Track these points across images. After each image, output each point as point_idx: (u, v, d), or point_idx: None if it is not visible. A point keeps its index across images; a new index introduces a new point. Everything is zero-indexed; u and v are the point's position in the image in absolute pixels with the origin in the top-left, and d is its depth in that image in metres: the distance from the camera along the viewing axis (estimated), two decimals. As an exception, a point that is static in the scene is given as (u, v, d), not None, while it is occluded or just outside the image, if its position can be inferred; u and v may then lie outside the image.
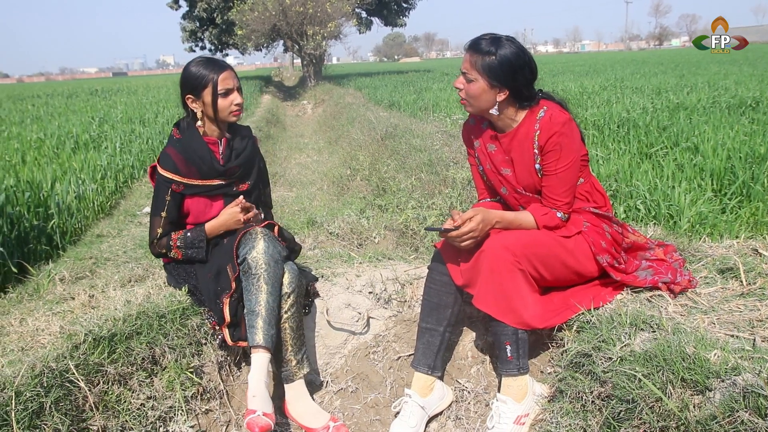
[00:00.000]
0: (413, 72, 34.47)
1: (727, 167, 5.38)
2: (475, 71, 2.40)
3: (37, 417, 2.06)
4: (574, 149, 2.44)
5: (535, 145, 2.46)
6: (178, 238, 2.73)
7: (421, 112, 12.34)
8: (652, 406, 1.88)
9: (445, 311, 2.62)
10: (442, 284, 2.61)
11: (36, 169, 7.62)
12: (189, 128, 2.75)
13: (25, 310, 3.08)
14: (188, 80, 2.67)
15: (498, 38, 2.40)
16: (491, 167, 2.65)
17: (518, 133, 2.51)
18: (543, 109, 2.46)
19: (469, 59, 2.42)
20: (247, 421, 2.27)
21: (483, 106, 2.47)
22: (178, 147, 2.72)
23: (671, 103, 10.47)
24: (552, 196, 2.49)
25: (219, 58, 2.78)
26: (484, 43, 2.39)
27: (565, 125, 2.40)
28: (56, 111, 18.89)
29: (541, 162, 2.47)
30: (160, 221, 2.73)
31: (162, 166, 2.71)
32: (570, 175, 2.46)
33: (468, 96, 2.46)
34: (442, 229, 2.39)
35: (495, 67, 2.36)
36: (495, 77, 2.38)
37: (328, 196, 7.42)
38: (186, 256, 2.74)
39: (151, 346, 2.54)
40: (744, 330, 2.13)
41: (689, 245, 3.02)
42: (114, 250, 4.78)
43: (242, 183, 2.83)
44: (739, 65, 23.42)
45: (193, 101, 2.69)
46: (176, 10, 37.07)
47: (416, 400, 2.58)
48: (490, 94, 2.42)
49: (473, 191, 5.07)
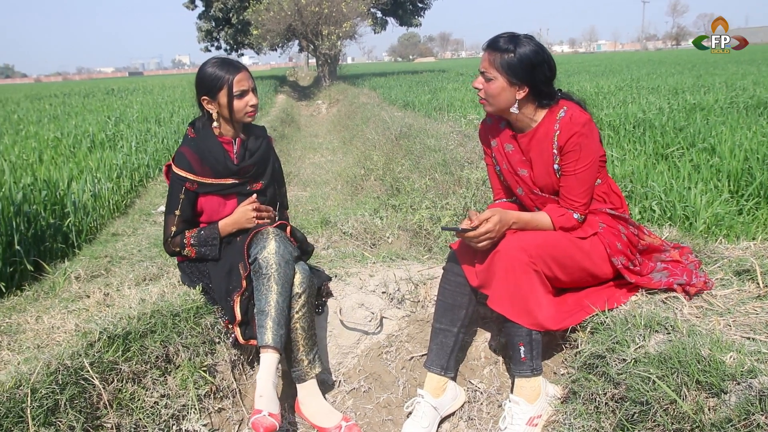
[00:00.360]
0: (428, 72, 34.43)
1: (745, 168, 5.32)
2: (494, 69, 2.39)
3: (52, 414, 2.07)
4: (594, 150, 2.43)
5: (555, 146, 2.44)
6: (192, 236, 2.74)
7: (436, 112, 12.32)
8: (666, 408, 1.87)
9: (460, 312, 2.61)
10: (457, 285, 2.61)
11: (53, 168, 7.68)
12: (204, 128, 2.77)
13: (41, 308, 3.11)
14: (204, 81, 2.68)
15: (516, 36, 2.39)
16: (508, 167, 2.64)
17: (537, 132, 2.49)
18: (563, 108, 2.44)
19: (487, 58, 2.40)
20: (252, 421, 2.28)
21: (502, 105, 2.45)
22: (193, 146, 2.74)
23: (688, 104, 10.38)
24: (569, 196, 2.47)
25: (234, 58, 2.78)
26: (502, 41, 2.38)
27: (586, 126, 2.39)
28: (73, 110, 19.05)
29: (560, 162, 2.46)
30: (174, 219, 2.74)
31: (177, 164, 2.73)
32: (588, 176, 2.45)
33: (487, 95, 2.45)
34: (459, 229, 2.38)
35: (514, 64, 2.35)
36: (514, 74, 2.37)
37: (342, 195, 7.43)
38: (199, 254, 2.76)
39: (165, 344, 2.55)
40: (760, 333, 2.11)
41: (705, 247, 2.99)
42: (129, 248, 4.81)
43: (256, 182, 2.84)
44: (757, 65, 23.19)
45: (209, 102, 2.70)
46: (192, 10, 37.33)
47: (429, 400, 2.58)
48: (510, 92, 2.41)
49: (488, 191, 5.06)
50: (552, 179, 2.51)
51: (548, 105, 2.47)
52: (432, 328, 2.67)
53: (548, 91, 2.44)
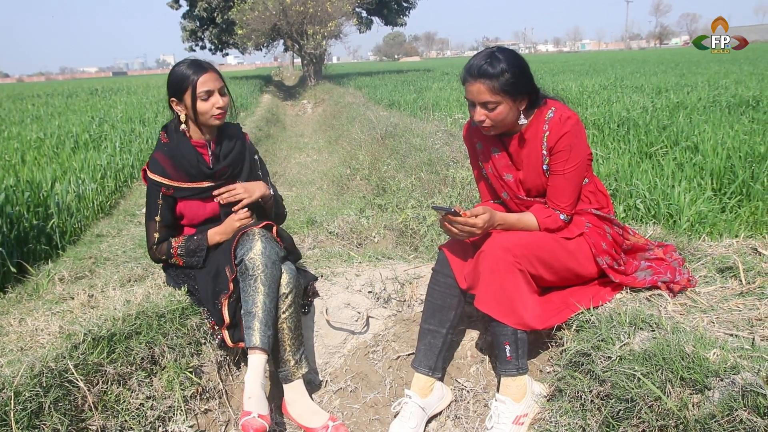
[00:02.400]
0: (413, 71, 34.46)
1: (727, 166, 5.37)
2: (497, 96, 2.34)
3: (36, 417, 2.05)
4: (582, 149, 2.45)
5: (544, 146, 2.45)
6: (178, 246, 2.72)
7: (421, 112, 12.32)
8: (651, 405, 1.88)
9: (449, 313, 2.62)
10: (447, 286, 2.61)
11: (36, 169, 7.62)
12: (176, 132, 2.73)
13: (25, 310, 3.08)
14: (172, 82, 2.64)
15: (493, 54, 2.36)
16: (493, 171, 2.64)
17: (525, 134, 2.49)
18: (551, 109, 2.44)
19: (483, 87, 2.34)
20: (242, 423, 2.27)
21: (510, 121, 2.44)
22: (166, 151, 2.70)
23: (671, 103, 10.46)
24: (556, 196, 2.48)
25: (203, 59, 2.72)
26: (488, 66, 2.33)
27: (576, 125, 2.41)
28: (56, 111, 18.86)
29: (549, 162, 2.47)
30: (155, 225, 2.72)
31: (151, 170, 2.70)
32: (576, 176, 2.47)
33: (495, 122, 2.41)
34: (450, 210, 2.34)
35: (513, 81, 2.33)
36: (516, 91, 2.36)
37: (327, 195, 7.41)
38: (187, 264, 2.75)
39: (151, 345, 2.54)
40: (743, 329, 2.13)
41: (689, 244, 3.02)
42: (113, 249, 4.78)
43: (233, 183, 2.81)
44: (739, 64, 23.40)
45: (177, 104, 2.66)
46: (176, 9, 37.10)
47: (416, 401, 2.58)
48: (515, 108, 2.40)
49: (473, 191, 5.08)
50: (542, 180, 2.51)
51: (536, 106, 2.47)
52: (420, 328, 2.67)
53: (536, 88, 2.45)
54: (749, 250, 2.85)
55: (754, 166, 5.28)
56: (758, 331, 2.09)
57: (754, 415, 1.63)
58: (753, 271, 2.59)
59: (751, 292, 2.43)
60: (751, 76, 16.03)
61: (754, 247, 2.87)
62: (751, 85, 12.88)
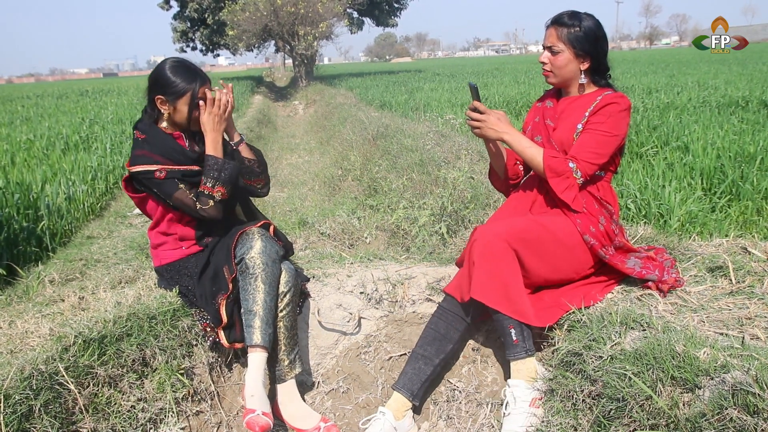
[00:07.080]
0: (405, 72, 34.50)
1: (717, 166, 5.41)
2: (561, 43, 2.55)
3: (26, 420, 2.04)
4: (621, 127, 2.53)
5: (589, 110, 2.56)
6: (205, 186, 2.59)
7: (413, 112, 12.34)
8: (642, 404, 1.89)
9: (447, 345, 2.60)
10: (453, 319, 2.61)
11: (26, 171, 7.59)
12: (151, 128, 2.66)
13: (14, 312, 3.07)
14: (165, 83, 2.59)
15: (578, 12, 2.58)
16: (530, 130, 2.77)
17: (581, 99, 2.64)
18: (610, 90, 2.62)
19: (554, 32, 2.56)
20: (247, 420, 2.26)
21: (567, 76, 2.62)
22: (147, 146, 2.62)
23: (662, 103, 10.52)
24: (576, 148, 2.53)
25: (195, 64, 2.68)
26: (566, 17, 2.56)
27: (625, 108, 2.54)
28: (46, 112, 18.81)
29: (585, 123, 2.55)
30: (184, 194, 2.59)
31: (138, 164, 2.59)
32: (604, 141, 2.51)
33: (554, 67, 2.61)
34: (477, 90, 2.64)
35: (581, 37, 2.53)
36: (580, 47, 2.54)
37: (319, 196, 7.41)
38: (229, 182, 2.62)
39: (142, 347, 2.53)
40: (733, 328, 2.14)
41: (679, 244, 3.03)
42: (104, 251, 4.76)
43: None
44: (728, 65, 23.53)
45: (163, 103, 2.61)
46: (167, 10, 36.98)
47: (389, 419, 2.51)
48: (575, 63, 2.58)
49: (464, 192, 5.08)
50: (569, 136, 2.59)
51: (600, 83, 2.65)
52: (413, 352, 2.63)
53: (605, 64, 2.63)
54: (739, 250, 2.87)
55: (743, 166, 5.32)
56: (748, 330, 2.10)
57: (743, 413, 1.64)
58: (743, 270, 2.60)
59: (741, 291, 2.44)
60: (741, 77, 16.15)
61: (744, 246, 2.89)
62: (740, 86, 12.98)
